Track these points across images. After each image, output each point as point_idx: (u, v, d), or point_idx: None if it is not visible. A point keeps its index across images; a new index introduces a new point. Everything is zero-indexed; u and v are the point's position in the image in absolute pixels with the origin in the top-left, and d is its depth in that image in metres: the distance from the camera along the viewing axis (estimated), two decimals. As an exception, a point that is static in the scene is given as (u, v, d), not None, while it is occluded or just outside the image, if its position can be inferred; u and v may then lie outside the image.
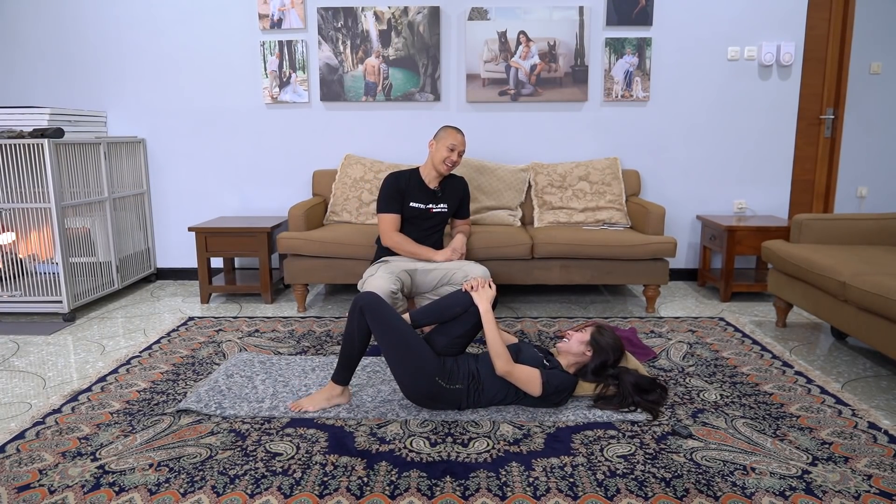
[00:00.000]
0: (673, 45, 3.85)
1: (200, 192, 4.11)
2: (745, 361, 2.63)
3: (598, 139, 3.97)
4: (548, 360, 2.18)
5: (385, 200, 2.92)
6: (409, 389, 2.11)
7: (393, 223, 2.91)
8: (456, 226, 3.18)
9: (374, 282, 2.65)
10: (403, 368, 2.08)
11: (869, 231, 3.03)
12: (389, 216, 2.91)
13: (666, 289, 3.95)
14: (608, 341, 2.18)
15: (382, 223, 2.92)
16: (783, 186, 3.99)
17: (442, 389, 2.09)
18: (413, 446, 1.92)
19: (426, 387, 2.08)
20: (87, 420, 2.12)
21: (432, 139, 2.93)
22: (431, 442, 1.95)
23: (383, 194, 2.93)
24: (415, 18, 3.82)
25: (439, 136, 2.91)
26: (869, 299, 2.29)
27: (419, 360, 2.07)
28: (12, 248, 3.41)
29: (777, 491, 1.67)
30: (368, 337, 2.15)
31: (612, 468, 1.79)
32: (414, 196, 2.93)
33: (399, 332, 2.09)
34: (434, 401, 2.12)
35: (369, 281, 2.69)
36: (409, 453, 1.88)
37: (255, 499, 1.65)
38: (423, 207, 2.94)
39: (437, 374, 2.08)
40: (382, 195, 2.93)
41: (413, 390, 2.10)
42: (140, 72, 3.98)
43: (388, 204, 2.91)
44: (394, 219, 2.92)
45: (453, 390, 2.11)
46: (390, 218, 2.91)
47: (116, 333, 3.10)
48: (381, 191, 2.94)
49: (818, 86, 4.05)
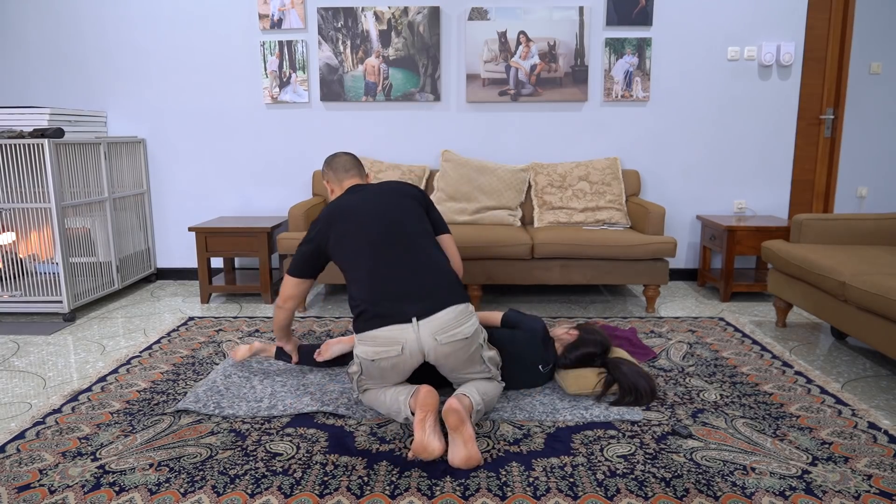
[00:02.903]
0: (673, 45, 3.85)
1: (200, 192, 4.11)
2: (745, 361, 2.63)
3: (598, 139, 3.97)
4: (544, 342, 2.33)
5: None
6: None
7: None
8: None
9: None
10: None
11: (869, 231, 3.03)
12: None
13: (666, 289, 3.95)
14: (593, 331, 2.37)
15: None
16: (783, 186, 3.99)
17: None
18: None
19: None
20: (88, 420, 2.12)
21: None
22: (431, 442, 1.95)
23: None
24: (415, 18, 3.82)
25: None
26: (869, 299, 2.29)
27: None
28: (12, 248, 3.41)
29: (777, 491, 1.67)
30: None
31: (612, 468, 1.79)
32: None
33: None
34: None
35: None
36: (409, 453, 1.88)
37: (256, 498, 1.65)
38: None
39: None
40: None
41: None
42: (140, 72, 3.98)
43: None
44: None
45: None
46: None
47: (116, 333, 3.10)
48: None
49: (818, 86, 4.05)
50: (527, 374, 2.29)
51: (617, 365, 2.24)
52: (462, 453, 1.77)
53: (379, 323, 1.90)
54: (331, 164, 2.39)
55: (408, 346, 1.88)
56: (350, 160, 2.40)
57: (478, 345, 1.98)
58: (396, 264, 1.98)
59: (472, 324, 1.94)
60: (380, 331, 1.89)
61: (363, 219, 2.10)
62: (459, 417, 1.80)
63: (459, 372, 2.01)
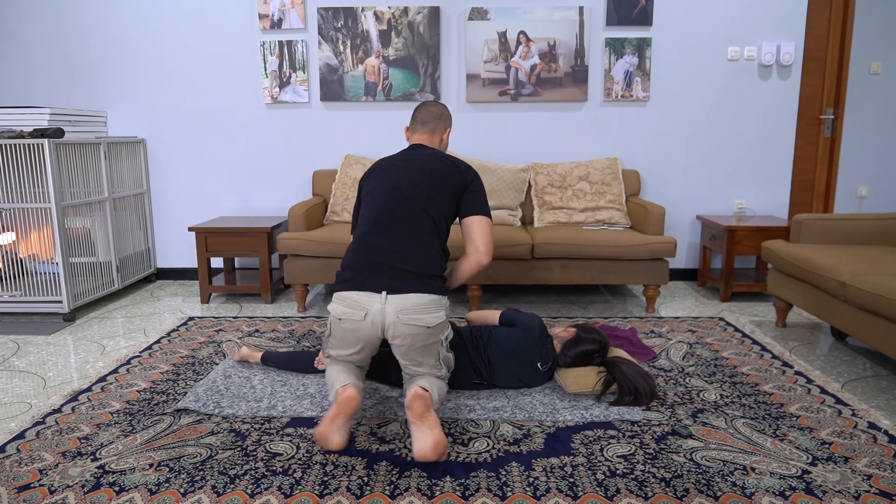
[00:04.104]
0: (673, 45, 3.85)
1: (200, 192, 4.11)
2: (745, 361, 2.63)
3: (598, 139, 3.97)
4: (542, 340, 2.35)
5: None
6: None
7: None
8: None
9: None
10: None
11: (869, 231, 3.03)
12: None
13: (666, 289, 3.95)
14: (591, 329, 2.37)
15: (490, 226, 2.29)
16: (783, 186, 3.99)
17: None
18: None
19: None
20: (88, 420, 2.12)
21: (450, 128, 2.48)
22: (431, 442, 1.95)
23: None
24: (415, 18, 3.82)
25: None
26: (869, 299, 2.29)
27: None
28: (12, 248, 3.41)
29: (777, 491, 1.67)
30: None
31: (612, 468, 1.79)
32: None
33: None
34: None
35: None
36: (409, 453, 1.88)
37: (256, 498, 1.65)
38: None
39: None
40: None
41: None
42: (140, 72, 3.98)
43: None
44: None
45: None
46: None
47: (116, 333, 3.10)
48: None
49: (818, 86, 4.05)
50: (525, 373, 2.30)
51: (616, 364, 2.24)
52: (430, 439, 1.77)
53: (352, 287, 1.96)
54: (414, 112, 2.41)
55: (371, 314, 1.92)
56: (430, 114, 2.37)
57: (439, 339, 2.00)
58: (388, 238, 2.02)
59: (437, 316, 1.96)
60: (351, 293, 1.95)
61: (388, 185, 2.14)
62: (425, 403, 1.82)
63: (412, 358, 2.01)
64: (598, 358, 2.31)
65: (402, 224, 2.05)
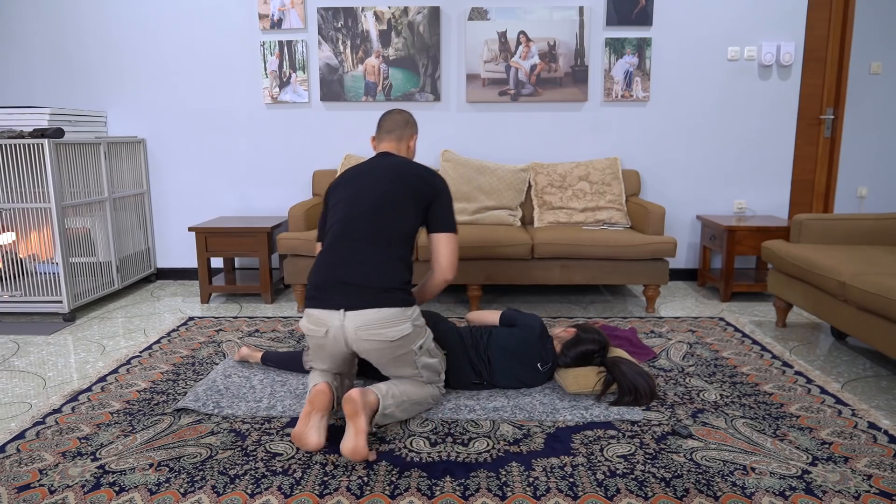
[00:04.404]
0: (673, 45, 3.85)
1: (200, 192, 4.11)
2: (745, 361, 2.63)
3: (598, 139, 3.97)
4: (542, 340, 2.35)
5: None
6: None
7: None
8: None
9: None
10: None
11: (869, 231, 3.03)
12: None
13: (666, 289, 3.95)
14: (591, 329, 2.38)
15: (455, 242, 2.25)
16: (783, 186, 3.99)
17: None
18: (413, 446, 1.92)
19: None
20: (88, 420, 2.12)
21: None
22: (431, 442, 1.95)
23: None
24: (415, 18, 3.82)
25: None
26: (869, 299, 2.29)
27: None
28: (12, 248, 3.41)
29: (777, 491, 1.67)
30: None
31: (612, 468, 1.79)
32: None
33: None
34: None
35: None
36: (409, 453, 1.88)
37: (256, 498, 1.65)
38: None
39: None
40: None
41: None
42: (140, 72, 3.98)
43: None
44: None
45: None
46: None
47: (116, 333, 3.10)
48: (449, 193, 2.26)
49: (818, 86, 4.05)
50: (525, 373, 2.29)
51: (616, 364, 2.24)
52: (350, 444, 1.80)
53: (314, 304, 1.97)
54: (379, 121, 2.36)
55: (332, 331, 1.93)
56: (396, 122, 2.32)
57: (410, 350, 1.99)
58: (348, 254, 1.99)
59: (400, 329, 1.93)
60: (314, 310, 1.97)
61: (351, 198, 2.11)
62: (354, 408, 1.83)
63: (385, 369, 2.04)
64: (598, 358, 2.31)
65: (363, 238, 2.01)
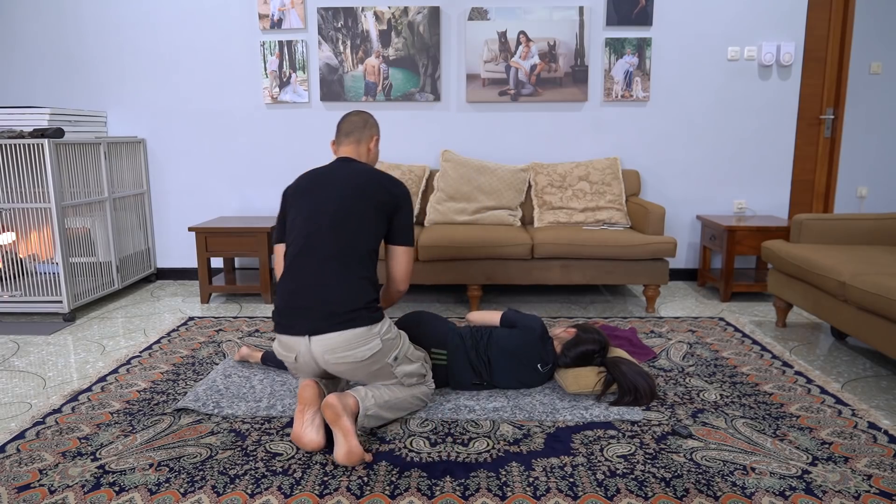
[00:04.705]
0: (673, 45, 3.85)
1: (200, 192, 4.11)
2: (745, 361, 2.63)
3: (598, 139, 3.97)
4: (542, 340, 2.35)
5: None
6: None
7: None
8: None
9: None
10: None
11: (869, 231, 3.03)
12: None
13: (666, 289, 3.95)
14: (591, 329, 2.38)
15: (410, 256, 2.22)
16: (783, 186, 3.99)
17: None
18: (413, 446, 1.92)
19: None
20: (88, 420, 2.12)
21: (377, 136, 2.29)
22: (431, 442, 1.95)
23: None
24: (415, 18, 3.82)
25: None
26: (869, 299, 2.29)
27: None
28: (12, 248, 3.41)
29: (777, 491, 1.67)
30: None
31: (612, 468, 1.79)
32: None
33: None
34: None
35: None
36: (409, 453, 1.88)
37: (256, 498, 1.65)
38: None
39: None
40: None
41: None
42: (140, 72, 3.98)
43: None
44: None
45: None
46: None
47: (116, 333, 3.10)
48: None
49: (818, 86, 4.05)
50: (526, 374, 2.29)
51: (616, 364, 2.24)
52: (342, 448, 1.78)
53: (282, 329, 1.95)
54: (338, 123, 2.26)
55: (300, 356, 1.93)
56: (354, 124, 2.22)
57: (385, 364, 1.96)
58: (309, 275, 1.92)
59: (370, 347, 1.90)
60: (281, 336, 1.95)
61: (310, 213, 2.01)
62: (334, 412, 1.82)
63: (367, 381, 2.03)
64: (598, 358, 2.31)
65: (326, 258, 1.93)
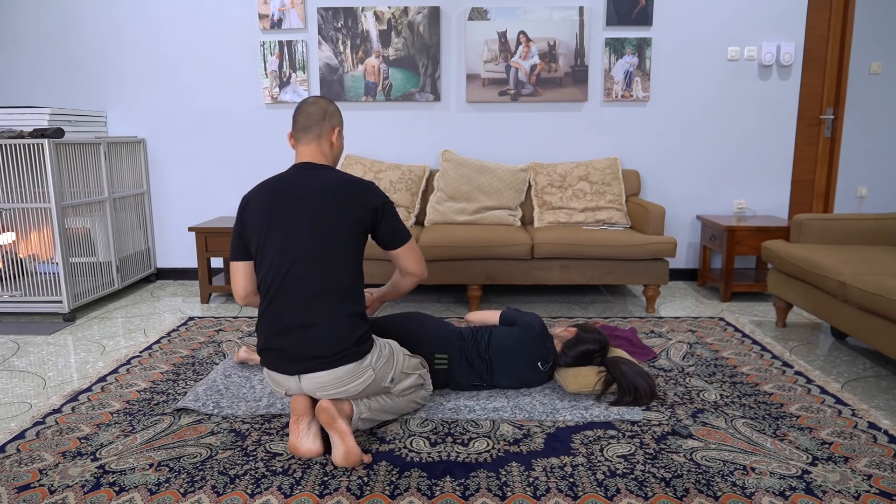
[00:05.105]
0: (673, 45, 3.85)
1: (200, 192, 4.11)
2: (745, 361, 2.63)
3: (598, 139, 3.97)
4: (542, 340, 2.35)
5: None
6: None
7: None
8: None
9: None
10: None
11: (869, 231, 3.03)
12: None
13: (666, 289, 3.95)
14: (591, 329, 2.39)
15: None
16: (783, 186, 3.99)
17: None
18: (413, 446, 1.92)
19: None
20: (88, 420, 2.12)
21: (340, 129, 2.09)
22: (431, 442, 1.95)
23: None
24: (415, 18, 3.82)
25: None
26: (869, 299, 2.29)
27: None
28: (12, 248, 3.41)
29: (777, 491, 1.67)
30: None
31: (612, 468, 1.79)
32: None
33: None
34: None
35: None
36: (409, 453, 1.88)
37: (256, 498, 1.65)
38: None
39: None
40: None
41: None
42: (140, 72, 3.98)
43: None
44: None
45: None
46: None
47: (116, 333, 3.10)
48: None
49: (818, 86, 4.05)
50: (526, 372, 2.29)
51: (616, 364, 2.24)
52: (339, 450, 1.78)
53: (269, 365, 1.91)
54: (293, 115, 2.02)
55: (291, 391, 1.92)
56: (311, 116, 1.98)
57: (380, 387, 1.94)
58: (295, 315, 1.82)
59: (363, 381, 1.87)
60: (270, 371, 1.93)
61: (286, 241, 1.84)
62: (329, 416, 1.81)
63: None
64: (598, 358, 2.31)
65: (307, 297, 1.82)
